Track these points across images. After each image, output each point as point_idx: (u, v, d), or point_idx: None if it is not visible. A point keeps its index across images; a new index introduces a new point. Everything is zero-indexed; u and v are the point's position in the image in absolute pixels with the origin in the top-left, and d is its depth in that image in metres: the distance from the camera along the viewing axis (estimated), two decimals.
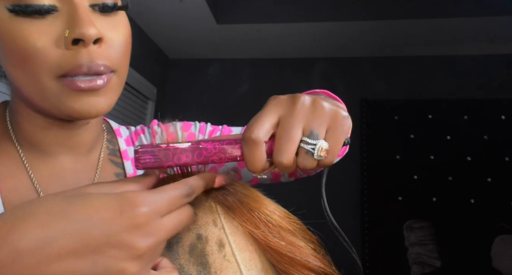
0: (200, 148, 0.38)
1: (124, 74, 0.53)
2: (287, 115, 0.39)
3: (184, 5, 2.31)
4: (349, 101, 0.71)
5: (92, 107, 0.48)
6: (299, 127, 0.38)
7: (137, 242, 0.32)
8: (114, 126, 0.67)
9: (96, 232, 0.31)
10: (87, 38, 0.46)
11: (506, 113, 2.67)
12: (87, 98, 0.48)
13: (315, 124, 0.39)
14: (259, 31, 2.64)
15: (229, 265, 0.36)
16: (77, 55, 0.46)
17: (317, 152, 0.38)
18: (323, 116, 0.39)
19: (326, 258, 0.41)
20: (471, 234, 2.41)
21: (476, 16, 2.36)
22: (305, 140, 0.38)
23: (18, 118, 0.56)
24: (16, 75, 0.48)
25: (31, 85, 0.48)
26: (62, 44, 0.46)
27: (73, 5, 0.47)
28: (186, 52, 3.02)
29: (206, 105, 2.98)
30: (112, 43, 0.50)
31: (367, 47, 2.78)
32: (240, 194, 0.40)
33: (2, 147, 0.56)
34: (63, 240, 0.31)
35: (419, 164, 2.70)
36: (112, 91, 0.51)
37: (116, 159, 0.63)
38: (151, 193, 0.34)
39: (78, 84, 0.47)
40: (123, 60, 0.52)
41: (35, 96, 0.49)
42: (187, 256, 0.35)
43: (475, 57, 2.75)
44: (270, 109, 0.39)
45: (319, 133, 0.39)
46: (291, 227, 0.40)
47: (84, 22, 0.46)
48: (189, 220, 0.36)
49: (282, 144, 0.38)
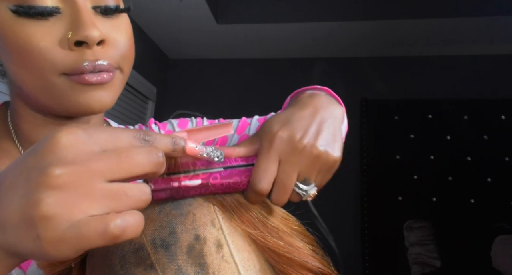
0: (208, 186, 0.39)
1: (127, 72, 0.54)
2: (287, 162, 0.41)
3: (184, 5, 2.31)
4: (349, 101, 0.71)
5: (97, 102, 0.49)
6: (295, 175, 0.41)
7: (52, 169, 0.27)
8: (113, 125, 0.67)
9: (30, 157, 0.29)
10: (90, 41, 0.46)
11: (506, 113, 2.67)
12: (92, 92, 0.49)
13: (309, 173, 0.42)
14: (259, 31, 2.64)
15: (227, 266, 0.36)
16: (82, 55, 0.47)
17: (305, 197, 0.42)
18: (317, 163, 0.42)
19: (325, 258, 0.41)
20: (471, 234, 2.41)
21: (476, 16, 2.36)
22: (299, 185, 0.42)
23: (18, 119, 0.56)
24: (20, 74, 0.49)
25: (35, 83, 0.48)
26: (65, 45, 0.47)
27: (76, 7, 0.47)
28: (186, 52, 3.02)
29: (206, 105, 2.98)
30: (116, 44, 0.50)
31: (367, 47, 2.78)
32: (238, 194, 0.40)
33: (3, 147, 0.56)
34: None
35: (419, 164, 2.70)
36: (116, 87, 0.51)
37: None
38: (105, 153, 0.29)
39: (86, 78, 0.47)
40: (127, 59, 0.52)
41: (40, 93, 0.49)
42: (185, 257, 0.35)
43: (475, 57, 2.75)
44: (273, 154, 0.41)
45: (311, 179, 0.42)
46: (289, 228, 0.41)
47: (87, 24, 0.46)
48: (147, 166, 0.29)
49: (280, 192, 0.41)
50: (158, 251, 0.36)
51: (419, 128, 2.75)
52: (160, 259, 0.35)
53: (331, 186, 1.03)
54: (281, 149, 0.41)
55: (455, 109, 2.72)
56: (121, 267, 0.36)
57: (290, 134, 0.42)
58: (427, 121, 2.75)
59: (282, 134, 0.41)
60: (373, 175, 2.70)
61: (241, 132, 0.71)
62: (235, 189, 0.40)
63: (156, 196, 0.37)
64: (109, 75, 0.49)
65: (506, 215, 2.46)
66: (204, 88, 3.05)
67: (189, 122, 0.71)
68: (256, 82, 2.95)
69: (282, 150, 0.41)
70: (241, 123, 0.72)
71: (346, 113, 0.58)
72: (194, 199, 0.39)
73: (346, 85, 2.80)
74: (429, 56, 2.82)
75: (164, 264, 0.35)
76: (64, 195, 0.27)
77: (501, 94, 2.66)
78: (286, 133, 0.42)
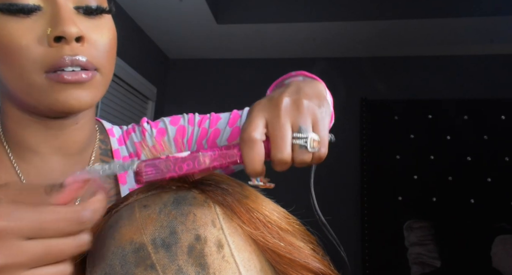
0: (199, 156, 0.39)
1: (108, 74, 0.54)
2: (274, 116, 0.40)
3: (184, 5, 2.31)
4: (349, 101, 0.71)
5: (75, 100, 0.50)
6: (288, 124, 0.40)
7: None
8: (107, 126, 0.67)
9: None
10: (68, 36, 0.48)
11: (506, 113, 2.67)
12: (71, 91, 0.50)
13: (301, 120, 0.41)
14: (259, 31, 2.64)
15: (228, 266, 0.35)
16: (60, 50, 0.48)
17: (310, 144, 0.40)
18: (305, 112, 0.41)
19: (326, 258, 0.41)
20: (471, 234, 2.41)
21: (476, 16, 2.36)
22: (296, 135, 0.40)
23: (6, 120, 0.57)
24: (2, 71, 0.50)
25: (16, 81, 0.50)
26: (45, 42, 0.48)
27: (57, 5, 0.49)
28: (186, 52, 3.02)
29: (206, 105, 2.97)
30: (95, 44, 0.51)
31: (367, 47, 2.78)
32: (239, 194, 0.40)
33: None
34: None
35: (419, 164, 2.70)
36: (96, 88, 0.52)
37: (107, 159, 0.63)
38: (24, 208, 0.31)
39: (64, 76, 0.48)
40: (107, 60, 0.53)
41: (21, 91, 0.50)
42: (186, 257, 0.35)
43: (475, 57, 2.75)
44: (257, 114, 0.41)
45: (307, 128, 0.41)
46: (290, 228, 0.40)
47: (66, 21, 0.48)
48: (71, 250, 0.32)
49: (278, 142, 0.39)
50: (158, 251, 0.35)
51: (419, 128, 2.75)
52: (160, 259, 0.35)
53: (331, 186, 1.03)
54: (264, 107, 0.41)
55: (455, 109, 2.72)
56: (121, 267, 0.36)
57: (271, 97, 0.42)
58: (427, 121, 2.75)
59: (264, 100, 0.42)
60: (373, 175, 2.70)
61: (232, 124, 0.71)
62: (230, 158, 0.40)
63: (146, 173, 0.37)
64: (87, 75, 0.50)
65: (506, 215, 2.46)
66: (204, 88, 3.05)
67: (181, 119, 0.71)
68: (256, 82, 2.95)
69: (266, 108, 0.41)
70: (232, 116, 0.73)
71: (346, 113, 0.58)
72: (195, 199, 0.39)
73: (346, 85, 2.80)
74: (429, 56, 2.82)
75: (164, 264, 0.35)
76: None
77: (501, 94, 2.66)
78: (267, 99, 0.42)
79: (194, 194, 0.39)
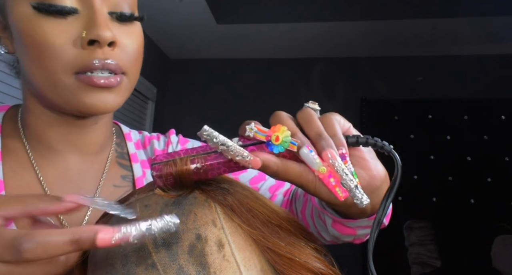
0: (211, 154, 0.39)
1: (134, 79, 0.56)
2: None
3: (184, 5, 2.31)
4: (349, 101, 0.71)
5: (102, 103, 0.51)
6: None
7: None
8: (125, 130, 0.68)
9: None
10: (102, 40, 0.49)
11: (506, 113, 2.67)
12: (99, 93, 0.51)
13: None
14: (259, 31, 2.64)
15: (229, 265, 0.36)
16: (93, 53, 0.50)
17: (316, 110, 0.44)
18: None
19: (327, 258, 0.41)
20: (471, 234, 2.42)
21: (476, 16, 2.37)
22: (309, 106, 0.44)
23: (28, 116, 0.58)
24: (32, 69, 0.51)
25: (46, 80, 0.51)
26: (78, 44, 0.50)
27: (93, 9, 0.50)
28: (186, 52, 3.02)
29: (206, 105, 2.98)
30: (125, 49, 0.53)
31: (367, 47, 2.78)
32: (239, 194, 0.40)
33: (10, 146, 0.58)
34: None
35: (419, 164, 2.70)
36: (122, 92, 0.54)
37: (124, 162, 0.64)
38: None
39: (95, 80, 0.50)
40: (134, 65, 0.55)
41: (49, 90, 0.51)
42: (186, 256, 0.35)
43: (475, 57, 2.75)
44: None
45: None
46: (291, 227, 0.40)
47: (101, 25, 0.49)
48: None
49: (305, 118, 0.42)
50: (159, 250, 0.36)
51: (419, 128, 2.75)
52: (161, 259, 0.35)
53: None
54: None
55: (455, 109, 2.72)
56: (123, 266, 0.36)
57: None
58: (427, 121, 2.75)
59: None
60: None
61: (254, 183, 0.68)
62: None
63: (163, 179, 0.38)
64: (116, 80, 0.51)
65: (506, 215, 2.46)
66: (204, 88, 3.05)
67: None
68: (256, 82, 2.95)
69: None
70: (258, 174, 0.68)
71: (346, 113, 0.57)
72: (196, 199, 0.39)
73: (346, 85, 2.81)
74: (429, 56, 2.82)
75: (165, 264, 0.35)
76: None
77: (501, 94, 2.67)
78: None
79: (195, 193, 0.39)
